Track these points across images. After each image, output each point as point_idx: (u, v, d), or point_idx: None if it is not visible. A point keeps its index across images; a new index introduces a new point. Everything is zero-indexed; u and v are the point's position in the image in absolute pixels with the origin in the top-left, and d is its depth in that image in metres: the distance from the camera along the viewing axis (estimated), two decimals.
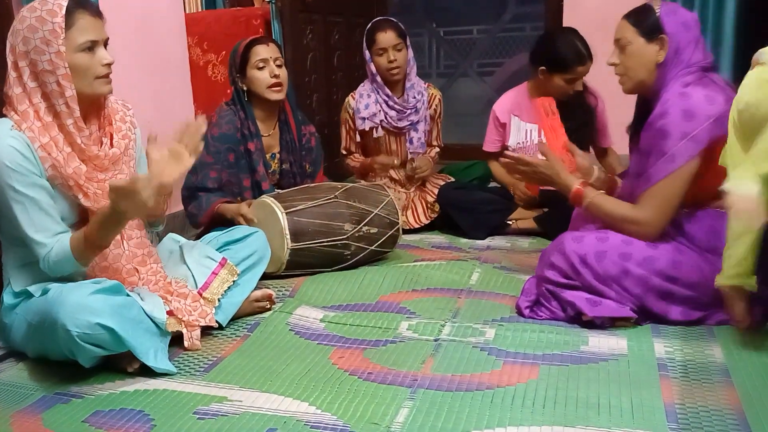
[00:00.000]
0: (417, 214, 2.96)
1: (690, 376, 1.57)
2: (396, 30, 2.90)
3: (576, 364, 1.65)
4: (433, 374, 1.62)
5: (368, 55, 2.94)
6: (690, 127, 1.74)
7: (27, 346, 1.72)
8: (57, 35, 1.57)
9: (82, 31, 1.60)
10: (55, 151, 1.62)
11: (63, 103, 1.61)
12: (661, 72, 1.85)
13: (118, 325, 1.55)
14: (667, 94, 1.80)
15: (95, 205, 1.67)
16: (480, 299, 2.09)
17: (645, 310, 1.83)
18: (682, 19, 1.84)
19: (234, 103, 2.53)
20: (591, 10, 3.53)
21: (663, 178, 1.78)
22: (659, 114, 1.79)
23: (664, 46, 1.83)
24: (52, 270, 1.65)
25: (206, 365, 1.72)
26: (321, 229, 2.32)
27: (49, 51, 1.57)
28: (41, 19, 1.57)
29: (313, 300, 2.14)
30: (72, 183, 1.64)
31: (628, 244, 1.84)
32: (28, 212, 1.61)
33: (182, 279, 1.88)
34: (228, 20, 3.32)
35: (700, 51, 1.84)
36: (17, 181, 1.58)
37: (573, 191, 1.96)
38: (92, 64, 1.62)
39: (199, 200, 2.41)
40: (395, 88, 2.99)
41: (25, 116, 1.61)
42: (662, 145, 1.77)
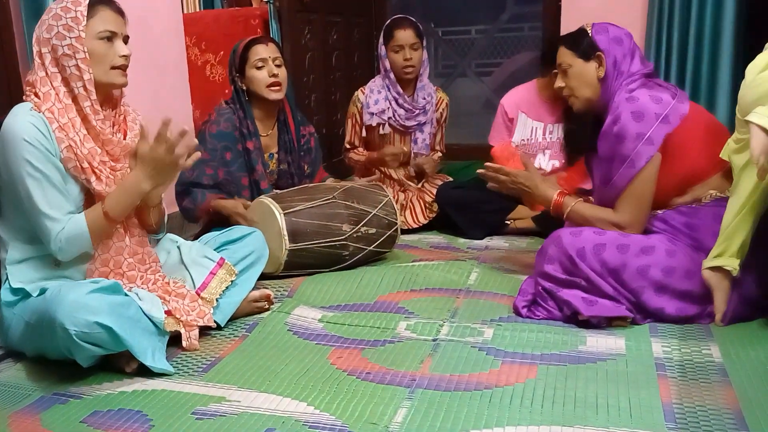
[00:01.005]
0: (415, 214, 2.96)
1: (688, 375, 1.58)
2: (415, 29, 2.92)
3: (574, 364, 1.65)
4: (432, 374, 1.62)
5: (384, 51, 2.95)
6: (642, 128, 1.84)
7: (25, 345, 1.72)
8: (79, 22, 1.65)
9: (103, 21, 1.69)
10: (72, 131, 1.66)
11: (81, 86, 1.67)
12: (605, 86, 1.96)
13: (117, 324, 1.55)
14: (616, 102, 1.90)
15: (106, 189, 1.70)
16: (478, 299, 2.10)
17: (641, 308, 1.84)
18: (613, 35, 1.96)
19: (233, 102, 2.53)
20: (589, 11, 3.52)
21: (629, 183, 1.87)
22: (612, 121, 1.89)
23: (602, 62, 1.95)
24: (62, 250, 1.67)
25: (204, 365, 1.72)
26: (319, 229, 2.32)
27: (69, 36, 1.65)
28: (66, 8, 1.66)
29: (312, 300, 2.14)
30: (86, 165, 1.68)
31: (625, 235, 1.87)
32: (43, 188, 1.63)
33: (180, 279, 1.88)
34: (226, 20, 3.32)
35: (638, 61, 1.95)
36: (34, 156, 1.61)
37: (553, 201, 2.02)
38: (109, 53, 1.70)
39: (194, 195, 2.40)
40: (407, 87, 3.00)
41: (47, 97, 1.66)
42: (621, 149, 1.86)
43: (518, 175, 2.05)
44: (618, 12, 3.46)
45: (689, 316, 1.83)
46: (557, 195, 2.02)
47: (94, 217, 1.68)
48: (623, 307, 1.83)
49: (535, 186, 2.05)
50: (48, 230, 1.65)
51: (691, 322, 1.84)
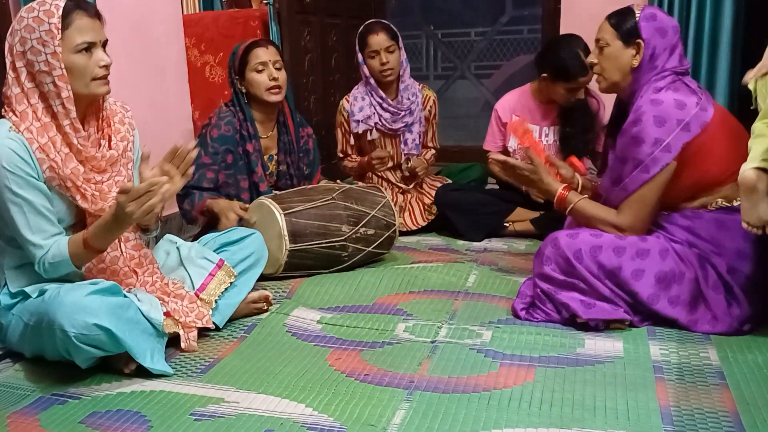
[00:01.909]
0: (414, 216, 2.96)
1: (685, 378, 1.58)
2: (388, 32, 2.90)
3: (572, 367, 1.65)
4: (430, 376, 1.63)
5: (361, 58, 2.95)
6: (661, 134, 1.79)
7: (24, 346, 1.72)
8: (53, 36, 1.57)
9: (80, 31, 1.60)
10: (53, 151, 1.62)
11: (60, 104, 1.61)
12: (636, 76, 1.90)
13: (115, 325, 1.55)
14: (640, 101, 1.85)
15: (92, 207, 1.67)
16: (477, 301, 2.10)
17: (638, 309, 1.84)
18: (659, 25, 1.88)
19: (233, 104, 2.53)
20: (588, 14, 3.51)
21: (639, 188, 1.83)
22: (633, 121, 1.84)
23: (640, 51, 1.87)
24: (47, 272, 1.65)
25: (203, 366, 1.72)
26: (319, 230, 2.32)
27: (45, 51, 1.57)
28: (38, 19, 1.57)
29: (311, 301, 2.14)
30: (70, 184, 1.64)
31: (622, 238, 1.87)
32: (25, 214, 1.61)
33: (179, 280, 1.88)
34: (226, 21, 3.32)
35: (676, 57, 1.88)
36: (14, 182, 1.58)
37: (557, 195, 2.00)
38: (89, 65, 1.62)
39: (192, 197, 2.41)
40: (389, 90, 2.99)
41: (24, 116, 1.61)
42: (636, 153, 1.82)
43: (523, 169, 2.03)
44: None
45: (680, 322, 1.82)
46: (562, 189, 1.99)
47: (75, 245, 1.63)
48: (621, 309, 1.83)
49: (539, 179, 2.02)
50: (32, 254, 1.64)
51: (685, 329, 1.83)
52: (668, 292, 1.82)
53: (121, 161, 1.76)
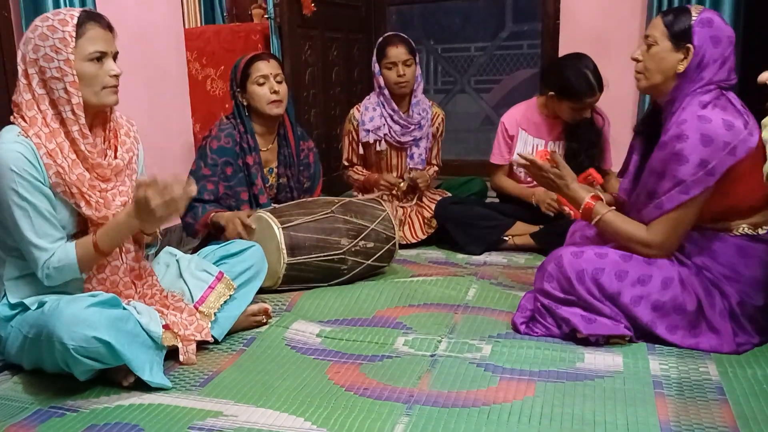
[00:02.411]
0: (414, 229, 2.97)
1: (685, 393, 1.58)
2: (407, 46, 2.94)
3: (572, 381, 1.65)
4: (430, 390, 1.62)
5: (377, 68, 2.97)
6: (707, 154, 1.69)
7: (23, 358, 1.72)
8: (67, 43, 1.60)
9: (92, 41, 1.63)
10: (60, 157, 1.63)
11: (69, 109, 1.63)
12: (679, 83, 1.79)
13: (114, 338, 1.55)
14: (684, 114, 1.75)
15: (96, 214, 1.68)
16: (476, 315, 2.10)
17: (639, 329, 1.83)
18: (714, 33, 1.75)
19: (234, 117, 2.55)
20: (586, 29, 3.56)
21: (675, 208, 1.75)
22: (676, 136, 1.73)
23: (688, 56, 1.76)
24: (50, 277, 1.66)
25: (202, 380, 1.71)
26: (318, 243, 2.32)
27: (58, 58, 1.60)
28: (52, 27, 1.60)
29: (310, 314, 2.14)
30: (75, 190, 1.65)
31: (626, 260, 1.84)
32: (30, 217, 1.62)
33: (179, 293, 1.88)
34: (227, 35, 3.34)
35: (726, 70, 1.77)
36: (21, 185, 1.59)
37: (584, 205, 1.93)
38: (100, 73, 1.65)
39: (195, 210, 2.42)
40: (401, 104, 3.02)
41: (33, 122, 1.63)
42: (677, 171, 1.73)
43: (549, 171, 1.97)
44: (615, 31, 3.50)
45: (680, 346, 1.80)
46: (590, 198, 1.92)
47: (84, 248, 1.65)
48: (622, 325, 1.82)
49: (565, 185, 1.96)
50: (36, 258, 1.64)
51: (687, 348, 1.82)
52: (666, 320, 1.81)
53: (126, 172, 1.77)
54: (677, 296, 1.79)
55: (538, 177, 2.03)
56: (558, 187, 1.99)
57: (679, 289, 1.79)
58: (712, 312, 1.78)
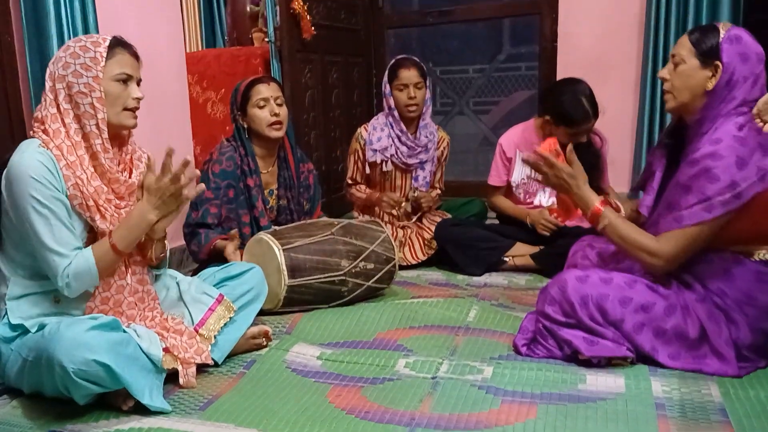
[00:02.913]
0: (414, 250, 2.97)
1: (687, 415, 1.57)
2: (419, 69, 2.97)
3: (574, 403, 1.64)
4: (431, 413, 1.61)
5: (388, 89, 3.00)
6: (740, 177, 1.67)
7: (22, 382, 1.71)
8: (97, 62, 1.69)
9: (121, 64, 1.72)
10: (80, 169, 1.68)
11: (94, 124, 1.69)
12: (708, 102, 1.76)
13: (114, 362, 1.54)
14: (719, 133, 1.71)
15: (110, 228, 1.71)
16: (478, 337, 2.09)
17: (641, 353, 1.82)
18: (742, 50, 1.73)
19: (234, 139, 2.56)
20: (583, 51, 3.60)
21: (694, 224, 1.72)
22: (710, 154, 1.70)
23: (717, 74, 1.74)
24: (70, 285, 1.66)
25: (202, 403, 1.70)
26: (318, 265, 2.32)
27: (87, 75, 1.68)
28: (85, 47, 1.69)
29: (310, 337, 2.13)
30: (91, 203, 1.69)
31: (631, 286, 1.82)
32: (50, 224, 1.64)
33: (179, 315, 1.87)
34: (228, 59, 3.37)
35: (758, 89, 1.74)
36: (41, 193, 1.62)
37: (593, 208, 1.89)
38: (123, 95, 1.73)
39: (199, 237, 2.43)
40: (409, 126, 3.04)
41: (57, 134, 1.68)
42: (706, 188, 1.70)
43: (562, 170, 1.92)
44: (612, 53, 3.54)
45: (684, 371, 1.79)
46: (599, 203, 1.89)
47: (101, 251, 1.69)
48: (624, 347, 1.81)
49: (577, 186, 1.91)
50: (55, 266, 1.65)
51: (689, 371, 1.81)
52: (669, 347, 1.80)
53: (138, 193, 1.80)
54: (679, 324, 1.78)
55: (548, 176, 1.96)
56: (569, 186, 1.93)
57: (682, 316, 1.78)
58: (717, 338, 1.76)
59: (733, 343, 1.76)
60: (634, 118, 3.51)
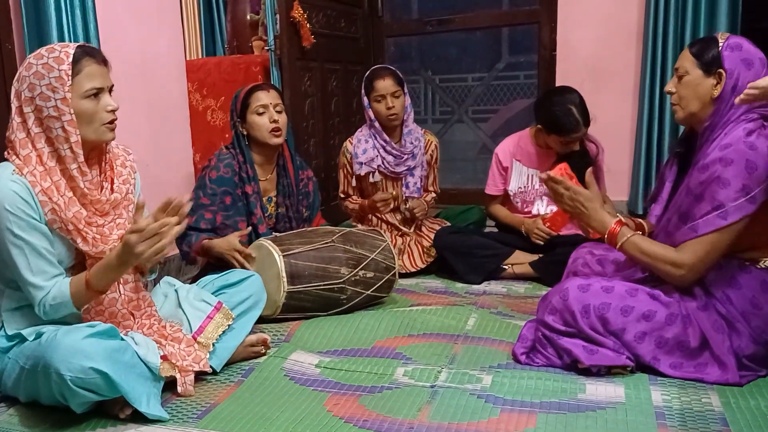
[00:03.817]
0: (413, 258, 2.96)
1: (688, 424, 1.56)
2: (394, 77, 2.96)
3: (573, 413, 1.63)
4: (430, 422, 1.61)
5: (366, 102, 2.99)
6: (751, 181, 1.67)
7: (19, 390, 1.70)
8: (63, 82, 1.60)
9: (89, 78, 1.63)
10: (56, 195, 1.63)
11: (68, 148, 1.63)
12: (717, 108, 1.77)
13: (112, 369, 1.53)
14: (728, 139, 1.72)
15: (93, 250, 1.68)
16: (476, 345, 2.08)
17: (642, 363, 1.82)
18: (745, 56, 1.76)
19: (233, 146, 2.56)
20: (582, 60, 3.61)
21: (711, 232, 1.72)
22: (719, 159, 1.70)
23: (721, 81, 1.76)
24: (47, 314, 1.65)
25: (199, 411, 1.69)
26: (317, 272, 2.32)
27: (54, 97, 1.60)
28: (48, 66, 1.60)
29: (309, 345, 2.12)
30: (71, 227, 1.65)
31: (632, 295, 1.82)
32: (26, 256, 1.61)
33: (177, 323, 1.87)
34: (227, 67, 3.37)
35: None
36: (16, 225, 1.59)
37: (609, 229, 1.87)
38: (97, 110, 1.65)
39: (189, 238, 2.43)
40: (393, 134, 3.03)
41: (28, 161, 1.62)
42: (718, 194, 1.70)
43: (579, 193, 1.90)
44: (611, 62, 3.55)
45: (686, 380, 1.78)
46: (615, 223, 1.87)
47: (77, 286, 1.64)
48: (624, 356, 1.80)
49: (594, 209, 1.89)
50: (32, 296, 1.64)
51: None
52: (670, 357, 1.79)
53: (123, 204, 1.77)
54: (680, 333, 1.78)
55: (563, 198, 1.93)
56: (586, 210, 1.90)
57: (683, 326, 1.78)
58: (719, 347, 1.76)
59: (734, 352, 1.75)
60: (633, 126, 3.52)
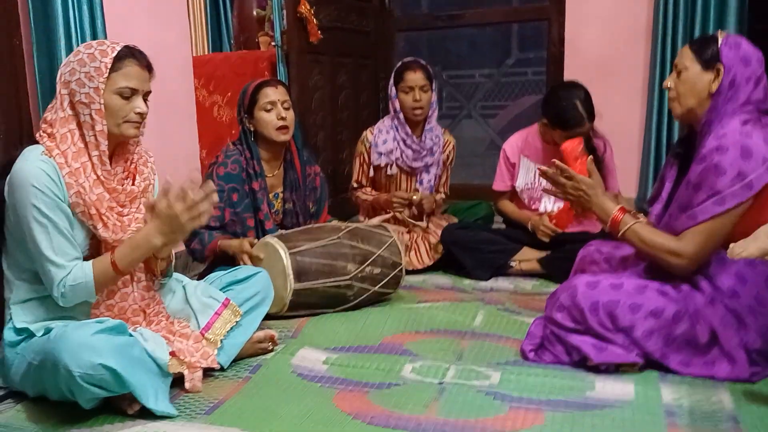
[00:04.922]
0: (420, 254, 2.96)
1: (697, 423, 1.55)
2: (425, 72, 2.96)
3: (581, 411, 1.62)
4: (437, 418, 1.60)
5: (394, 92, 2.99)
6: (746, 167, 1.69)
7: (27, 386, 1.71)
8: (101, 73, 1.65)
9: (126, 77, 1.68)
10: (83, 177, 1.66)
11: (92, 135, 1.67)
12: (713, 103, 1.80)
13: (120, 365, 1.54)
14: (724, 129, 1.75)
15: (113, 236, 1.69)
16: (484, 341, 2.08)
17: (650, 360, 1.81)
18: (743, 54, 1.78)
19: (240, 142, 2.56)
20: (591, 56, 3.59)
21: (708, 219, 1.73)
22: (715, 148, 1.73)
23: (719, 76, 1.78)
24: (65, 296, 1.65)
25: (207, 407, 1.70)
26: (324, 269, 2.32)
27: (89, 85, 1.65)
28: (92, 56, 1.66)
29: (316, 341, 2.12)
30: (93, 211, 1.67)
31: (641, 292, 1.81)
32: (49, 233, 1.63)
33: (185, 319, 1.87)
34: (235, 62, 3.37)
35: (761, 90, 1.79)
36: (42, 202, 1.61)
37: (612, 216, 1.88)
38: (124, 108, 1.69)
39: (201, 236, 2.41)
40: (415, 129, 3.03)
41: (64, 139, 1.66)
42: (715, 182, 1.72)
43: (582, 181, 1.91)
44: (620, 58, 3.53)
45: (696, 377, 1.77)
46: (617, 210, 1.88)
47: (101, 267, 1.66)
48: (633, 353, 1.79)
49: (595, 195, 1.90)
50: (52, 276, 1.64)
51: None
52: (679, 354, 1.78)
53: (141, 199, 1.79)
54: (689, 330, 1.77)
55: (566, 188, 1.94)
56: (588, 197, 1.91)
57: (691, 322, 1.77)
58: (728, 342, 1.75)
59: (743, 347, 1.74)
60: (641, 122, 3.50)
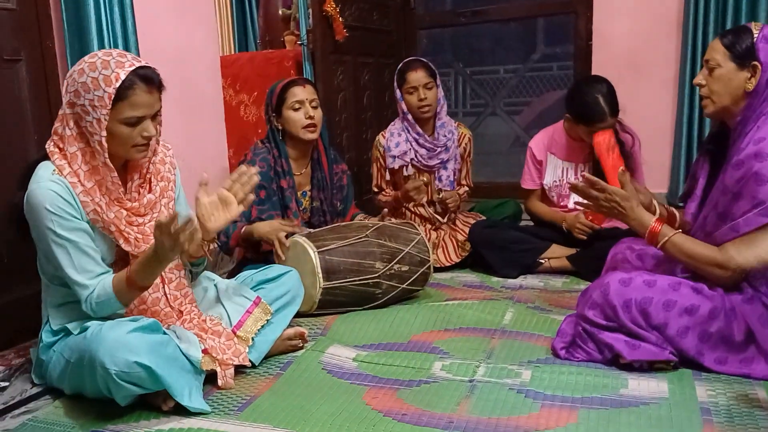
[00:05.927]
0: (447, 252, 2.95)
1: (735, 421, 1.53)
2: (426, 69, 2.94)
3: (616, 408, 1.61)
4: (469, 416, 1.60)
5: (399, 94, 2.98)
6: None
7: (64, 383, 1.74)
8: (104, 105, 1.58)
9: (132, 107, 1.61)
10: (98, 196, 1.65)
11: (101, 161, 1.64)
12: (749, 102, 1.73)
13: (156, 363, 1.56)
14: (762, 132, 1.68)
15: (135, 250, 1.70)
16: (514, 339, 2.06)
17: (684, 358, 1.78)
18: None
19: (268, 141, 2.57)
20: (619, 50, 3.54)
21: (754, 230, 1.67)
22: (753, 154, 1.66)
23: (756, 74, 1.71)
24: (95, 311, 1.67)
25: (240, 404, 1.71)
26: (353, 267, 2.32)
27: (93, 114, 1.59)
28: (96, 82, 1.58)
29: (345, 339, 2.12)
30: (113, 228, 1.67)
31: (675, 289, 1.77)
32: (70, 255, 1.63)
33: (217, 317, 1.89)
34: (261, 62, 3.39)
35: None
36: (58, 224, 1.61)
37: (649, 229, 1.82)
38: (132, 135, 1.64)
39: (226, 228, 2.42)
40: (426, 127, 3.02)
41: (74, 158, 1.64)
42: (756, 191, 1.65)
43: (615, 193, 1.83)
44: (648, 51, 3.48)
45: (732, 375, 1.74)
46: (654, 222, 1.82)
47: (120, 284, 1.65)
48: (667, 351, 1.77)
49: (630, 208, 1.83)
50: (78, 294, 1.66)
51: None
52: (715, 352, 1.75)
53: (162, 201, 1.79)
54: (724, 327, 1.73)
55: (599, 201, 1.87)
56: (623, 210, 1.84)
57: (727, 319, 1.73)
58: (765, 341, 1.71)
59: None
60: (672, 118, 3.45)
